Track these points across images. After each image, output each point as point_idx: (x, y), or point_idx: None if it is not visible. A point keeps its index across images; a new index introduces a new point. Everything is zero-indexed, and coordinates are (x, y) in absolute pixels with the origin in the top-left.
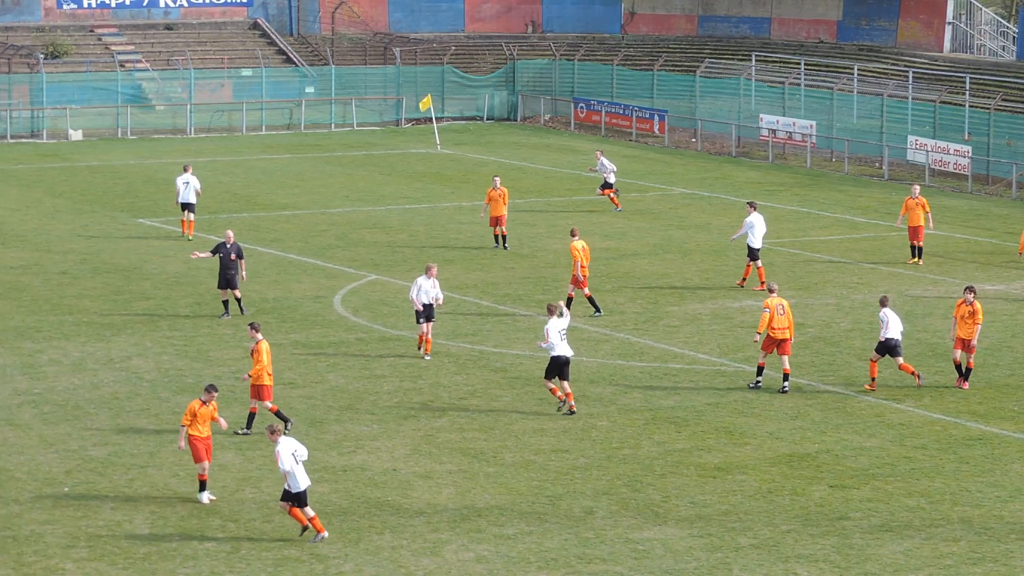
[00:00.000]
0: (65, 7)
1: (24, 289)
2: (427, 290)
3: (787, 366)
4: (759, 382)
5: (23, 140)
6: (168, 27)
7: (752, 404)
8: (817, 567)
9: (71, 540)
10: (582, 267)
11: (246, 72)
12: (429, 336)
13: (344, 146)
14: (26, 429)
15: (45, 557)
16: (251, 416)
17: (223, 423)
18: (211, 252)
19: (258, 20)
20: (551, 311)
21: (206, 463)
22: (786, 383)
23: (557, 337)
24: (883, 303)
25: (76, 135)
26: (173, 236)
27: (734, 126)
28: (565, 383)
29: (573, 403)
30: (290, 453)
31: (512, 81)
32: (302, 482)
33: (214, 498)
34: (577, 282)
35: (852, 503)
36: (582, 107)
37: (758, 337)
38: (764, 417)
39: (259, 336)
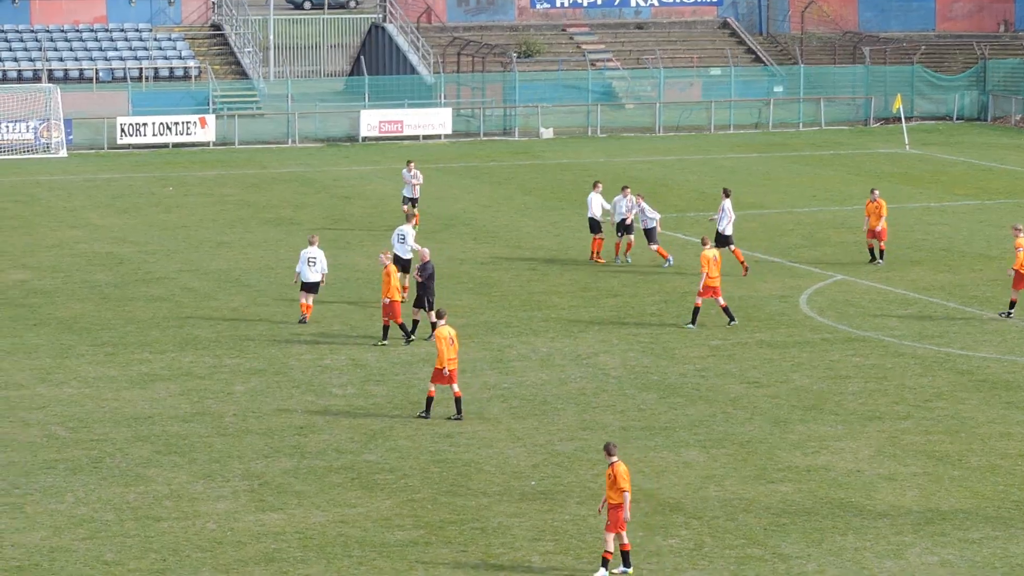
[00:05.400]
0: (538, 6)
1: (494, 285)
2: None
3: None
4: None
5: (495, 138)
6: (639, 26)
7: None
8: None
9: (537, 533)
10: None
11: (715, 71)
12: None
13: (812, 145)
14: (495, 423)
15: (512, 549)
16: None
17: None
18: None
19: (727, 19)
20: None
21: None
22: None
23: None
24: (726, 194)
25: (547, 133)
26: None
27: None
28: None
29: None
30: None
31: (983, 81)
32: None
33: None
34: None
35: None
36: None
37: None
38: None
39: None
